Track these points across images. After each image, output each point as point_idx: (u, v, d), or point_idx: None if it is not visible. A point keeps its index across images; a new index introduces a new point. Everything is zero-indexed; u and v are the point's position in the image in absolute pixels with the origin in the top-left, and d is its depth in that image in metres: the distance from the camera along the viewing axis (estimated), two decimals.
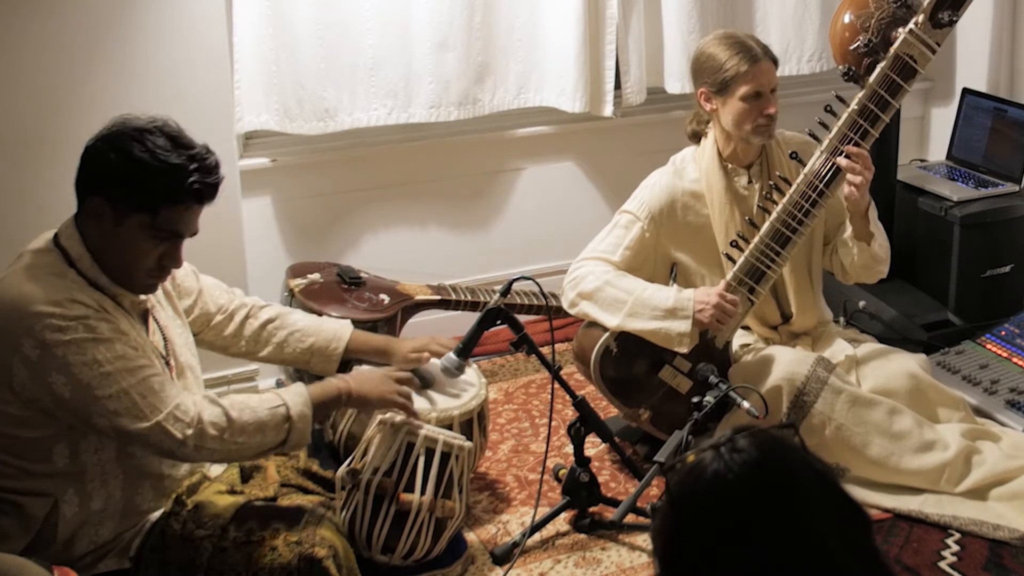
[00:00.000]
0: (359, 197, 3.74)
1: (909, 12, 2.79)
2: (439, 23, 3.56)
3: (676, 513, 1.23)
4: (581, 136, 4.03)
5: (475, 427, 2.68)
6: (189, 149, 2.10)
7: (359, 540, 2.42)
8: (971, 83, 4.09)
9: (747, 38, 2.92)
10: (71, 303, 2.03)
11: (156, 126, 2.10)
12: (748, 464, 1.20)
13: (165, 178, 2.06)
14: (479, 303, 3.43)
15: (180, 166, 2.07)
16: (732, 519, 1.19)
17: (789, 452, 1.24)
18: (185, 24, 3.06)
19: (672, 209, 2.98)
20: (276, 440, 2.16)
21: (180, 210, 2.10)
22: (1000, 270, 3.71)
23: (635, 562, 2.62)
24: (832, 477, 1.23)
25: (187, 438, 2.07)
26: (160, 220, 2.08)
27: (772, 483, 1.20)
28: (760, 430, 1.25)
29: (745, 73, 2.83)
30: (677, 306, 2.82)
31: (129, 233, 2.09)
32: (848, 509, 1.22)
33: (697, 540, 1.21)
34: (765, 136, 2.92)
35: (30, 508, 2.10)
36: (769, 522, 1.18)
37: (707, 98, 2.92)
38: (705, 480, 1.21)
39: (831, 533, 1.18)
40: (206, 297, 2.52)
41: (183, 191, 2.07)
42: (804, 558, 1.16)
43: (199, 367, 2.41)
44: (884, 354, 3.03)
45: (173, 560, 2.14)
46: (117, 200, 2.07)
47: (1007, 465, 2.82)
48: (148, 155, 2.05)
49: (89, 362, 2.02)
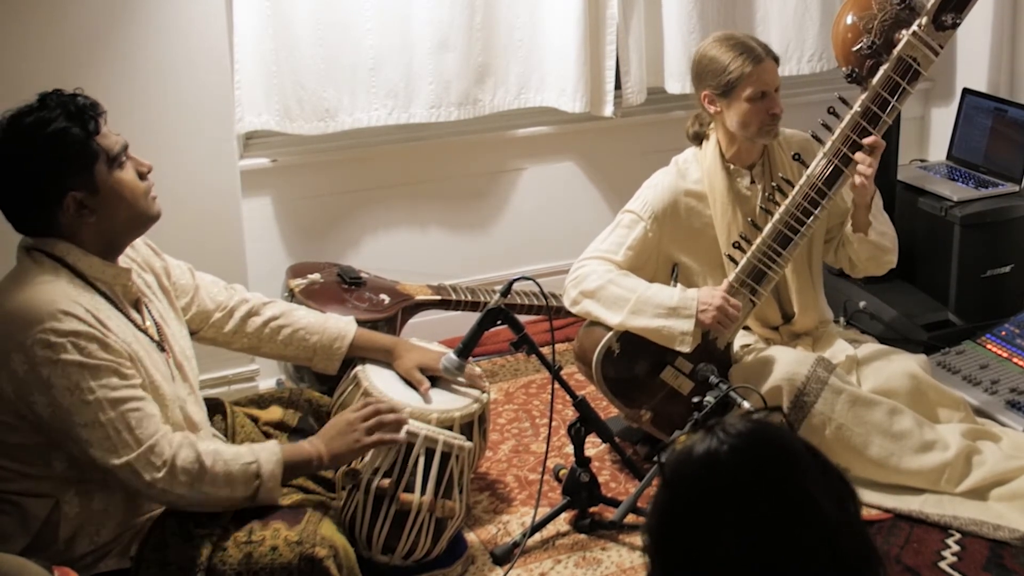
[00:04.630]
0: (359, 197, 3.74)
1: (912, 14, 2.79)
2: (439, 23, 3.56)
3: (670, 491, 1.23)
4: (581, 136, 4.03)
5: (475, 429, 2.68)
6: (46, 108, 2.09)
7: (359, 540, 2.42)
8: (971, 83, 4.10)
9: (747, 38, 2.92)
10: (65, 316, 2.02)
11: (5, 122, 2.10)
12: (740, 436, 1.21)
13: (71, 130, 2.07)
14: (479, 303, 3.43)
15: (62, 114, 2.08)
16: (727, 490, 1.18)
17: (779, 427, 1.25)
18: (185, 24, 3.06)
19: (675, 210, 2.98)
20: (244, 495, 2.14)
21: (104, 135, 2.13)
22: (1000, 270, 3.71)
23: (635, 562, 2.62)
24: (820, 451, 1.24)
25: (155, 481, 2.05)
26: (105, 153, 2.11)
27: (765, 451, 1.21)
28: (748, 414, 1.26)
29: (750, 74, 2.83)
30: (680, 305, 2.83)
31: (107, 185, 2.12)
32: (837, 476, 1.23)
33: (692, 516, 1.20)
34: (770, 136, 2.93)
35: (31, 508, 2.10)
36: (765, 488, 1.18)
37: (711, 101, 2.92)
38: (698, 456, 1.21)
39: (825, 496, 1.18)
40: (203, 295, 2.53)
41: (86, 120, 2.09)
42: (801, 522, 1.16)
43: (195, 362, 2.41)
44: (884, 354, 3.03)
45: (173, 560, 2.14)
46: (75, 178, 2.09)
47: (1007, 465, 2.82)
48: (48, 132, 2.06)
49: (72, 387, 2.00)
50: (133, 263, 2.30)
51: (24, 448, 2.08)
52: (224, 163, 3.24)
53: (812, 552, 1.15)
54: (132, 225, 2.20)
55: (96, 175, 2.11)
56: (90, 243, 2.14)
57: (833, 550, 1.16)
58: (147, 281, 2.33)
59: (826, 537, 1.16)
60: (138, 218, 2.20)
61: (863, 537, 1.21)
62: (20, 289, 2.07)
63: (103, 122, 2.14)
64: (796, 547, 1.16)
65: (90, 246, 2.14)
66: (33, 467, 2.10)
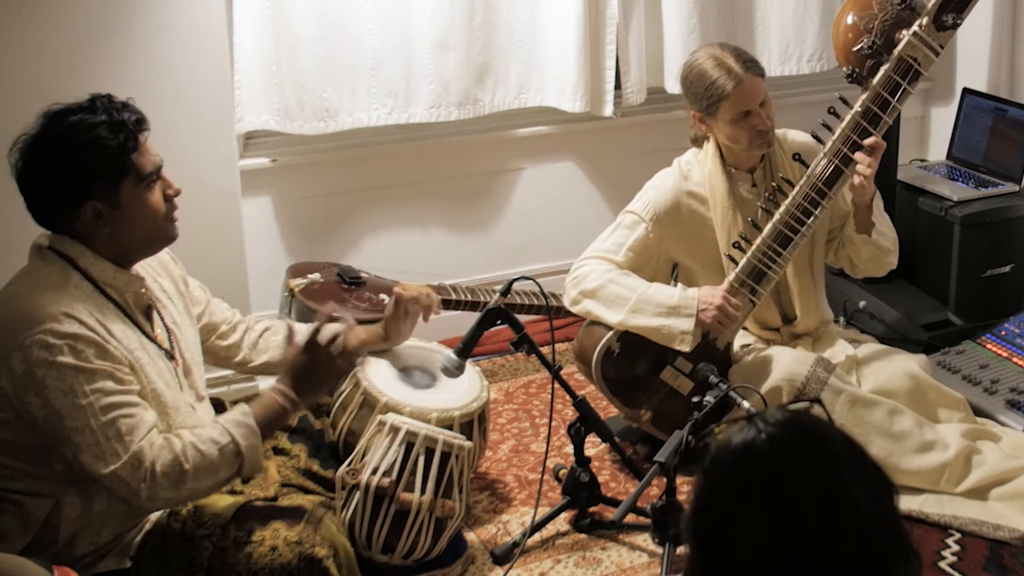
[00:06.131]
0: (359, 197, 3.75)
1: (913, 14, 2.79)
2: (439, 23, 3.56)
3: (709, 479, 1.25)
4: (581, 136, 4.03)
5: (475, 429, 2.68)
6: (91, 111, 2.09)
7: (359, 540, 2.42)
8: (971, 83, 4.09)
9: (729, 54, 2.86)
10: (66, 318, 2.02)
11: (49, 115, 2.10)
12: (778, 426, 1.23)
13: (108, 141, 2.07)
14: (479, 303, 3.43)
15: (105, 123, 2.08)
16: (763, 479, 1.20)
17: (817, 419, 1.27)
18: (185, 24, 3.06)
19: (677, 211, 2.97)
20: (230, 473, 2.13)
21: (142, 152, 2.12)
22: (1000, 270, 3.71)
23: (635, 562, 2.62)
24: (858, 443, 1.26)
25: (140, 491, 2.04)
26: (136, 171, 2.11)
27: (802, 442, 1.23)
28: (785, 407, 1.29)
29: (728, 96, 2.82)
30: (681, 304, 2.83)
31: (130, 202, 2.11)
32: (875, 471, 1.24)
33: (729, 503, 1.22)
34: (763, 148, 2.92)
35: (31, 508, 2.09)
36: (800, 478, 1.19)
37: (699, 119, 2.93)
38: (736, 446, 1.23)
39: (860, 487, 1.20)
40: (213, 308, 2.54)
41: (127, 136, 2.09)
42: (835, 511, 1.18)
43: (203, 367, 2.41)
44: (884, 355, 3.03)
45: (173, 560, 2.14)
46: (100, 189, 2.08)
47: (1007, 465, 2.82)
48: (85, 138, 2.06)
49: (66, 390, 2.00)
50: (149, 267, 2.30)
51: (26, 447, 2.08)
52: (224, 163, 3.24)
53: (843, 541, 1.18)
54: (147, 243, 2.20)
55: (121, 190, 2.10)
56: (104, 250, 2.14)
57: (865, 540, 1.18)
58: (163, 286, 2.33)
59: (859, 527, 1.19)
60: (154, 239, 2.20)
61: (897, 529, 1.24)
62: (27, 289, 2.07)
63: (144, 138, 2.14)
64: (828, 535, 1.18)
65: (103, 252, 2.14)
66: (35, 467, 2.10)
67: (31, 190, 2.11)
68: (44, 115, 2.11)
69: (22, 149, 2.10)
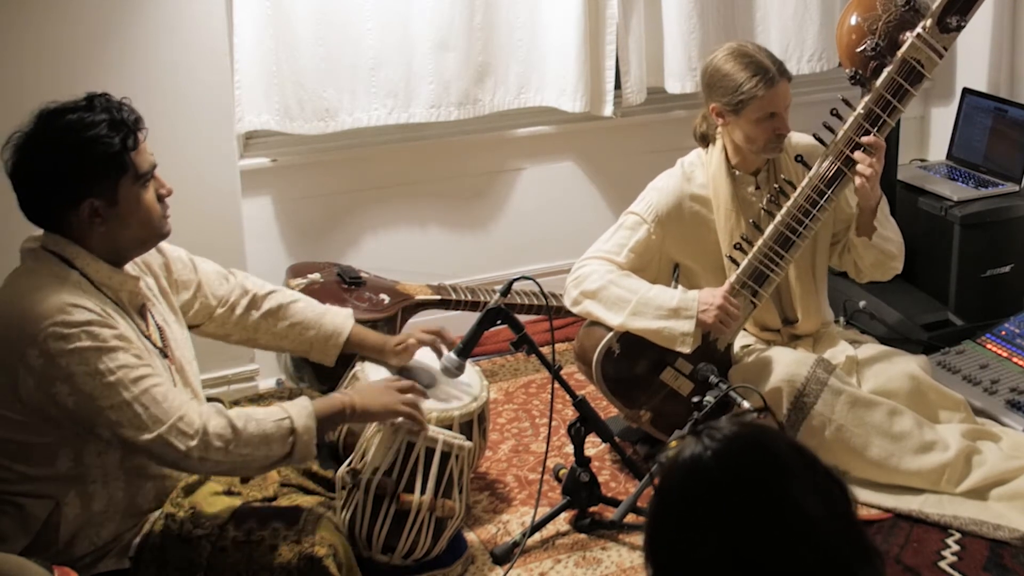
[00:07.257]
0: (359, 197, 3.74)
1: (917, 15, 2.78)
2: (439, 23, 3.56)
3: (658, 496, 1.24)
4: (581, 136, 4.03)
5: (475, 428, 2.68)
6: (90, 110, 2.10)
7: (359, 540, 2.42)
8: (971, 83, 4.09)
9: (762, 55, 2.86)
10: (75, 308, 2.03)
11: (45, 114, 2.10)
12: (724, 440, 1.21)
13: (109, 139, 2.07)
14: (479, 303, 3.43)
15: (106, 122, 2.08)
16: (709, 494, 1.19)
17: (766, 430, 1.26)
18: (185, 24, 3.06)
19: (679, 213, 2.97)
20: (281, 452, 2.15)
21: (139, 152, 2.13)
22: (1000, 270, 3.71)
23: (635, 562, 2.62)
24: (809, 450, 1.24)
25: (190, 450, 2.06)
26: (134, 170, 2.12)
27: (746, 454, 1.21)
28: (737, 416, 1.27)
29: (762, 97, 2.80)
30: (681, 306, 2.82)
31: (127, 201, 2.12)
32: (826, 478, 1.22)
33: (679, 519, 1.21)
34: (775, 152, 2.91)
35: (31, 509, 2.10)
36: (744, 491, 1.18)
37: (719, 114, 2.89)
38: (683, 461, 1.22)
39: (812, 501, 1.18)
40: (206, 290, 2.53)
41: (127, 134, 2.10)
42: (782, 522, 1.17)
43: (196, 364, 2.41)
44: (885, 355, 3.03)
45: (172, 560, 2.14)
46: (98, 187, 2.09)
47: (1007, 465, 2.82)
48: (85, 136, 2.06)
49: (92, 372, 2.01)
50: (135, 268, 2.30)
51: (28, 447, 2.08)
52: (224, 163, 3.24)
53: (796, 550, 1.16)
54: (140, 241, 2.21)
55: (119, 189, 2.11)
56: (98, 249, 2.14)
57: (818, 548, 1.17)
58: (148, 284, 2.34)
59: (810, 535, 1.17)
60: (148, 236, 2.21)
61: (854, 533, 1.21)
62: (28, 287, 2.07)
63: (142, 138, 2.15)
64: (779, 547, 1.16)
65: (98, 251, 2.14)
66: (35, 468, 2.10)
67: (26, 187, 2.11)
68: (40, 113, 2.11)
69: (17, 146, 2.10)
